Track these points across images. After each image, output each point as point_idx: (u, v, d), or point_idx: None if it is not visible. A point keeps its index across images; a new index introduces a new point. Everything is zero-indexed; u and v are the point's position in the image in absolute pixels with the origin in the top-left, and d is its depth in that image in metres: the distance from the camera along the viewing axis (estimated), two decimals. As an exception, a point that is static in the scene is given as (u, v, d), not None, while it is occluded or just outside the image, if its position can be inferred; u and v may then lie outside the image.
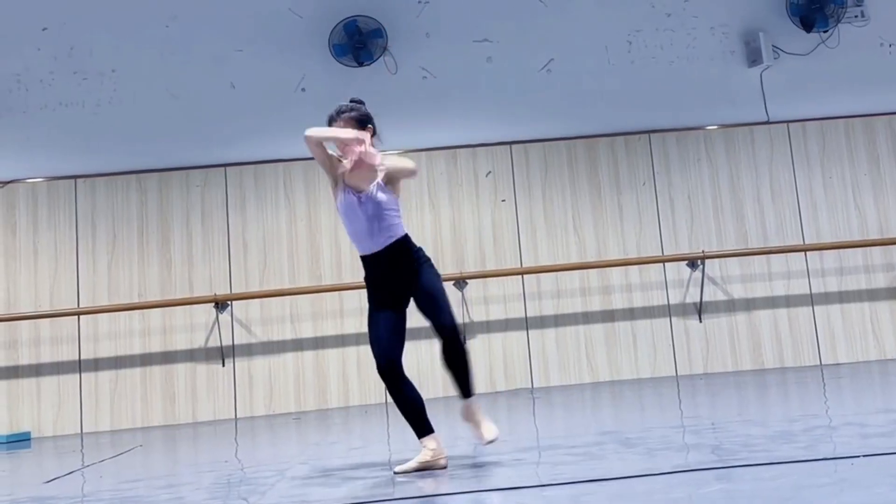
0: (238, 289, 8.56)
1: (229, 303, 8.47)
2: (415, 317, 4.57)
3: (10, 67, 8.67)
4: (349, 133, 4.29)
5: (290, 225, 8.83)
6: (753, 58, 9.17)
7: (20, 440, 7.84)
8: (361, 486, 3.87)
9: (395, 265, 4.34)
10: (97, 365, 8.32)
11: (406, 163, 4.44)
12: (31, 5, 8.74)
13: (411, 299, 4.40)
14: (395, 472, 4.06)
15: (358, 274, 8.65)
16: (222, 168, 8.87)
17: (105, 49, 8.77)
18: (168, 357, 8.36)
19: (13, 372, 8.23)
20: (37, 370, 8.27)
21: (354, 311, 8.66)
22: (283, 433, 6.79)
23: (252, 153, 8.87)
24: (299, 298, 8.60)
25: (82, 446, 7.11)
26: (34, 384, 8.26)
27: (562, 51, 9.11)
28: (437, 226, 8.96)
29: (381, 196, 4.32)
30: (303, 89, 8.99)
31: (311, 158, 8.70)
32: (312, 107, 8.89)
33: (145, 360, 8.37)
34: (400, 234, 4.38)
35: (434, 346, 8.61)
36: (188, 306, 8.41)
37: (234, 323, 8.52)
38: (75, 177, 8.69)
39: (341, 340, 8.62)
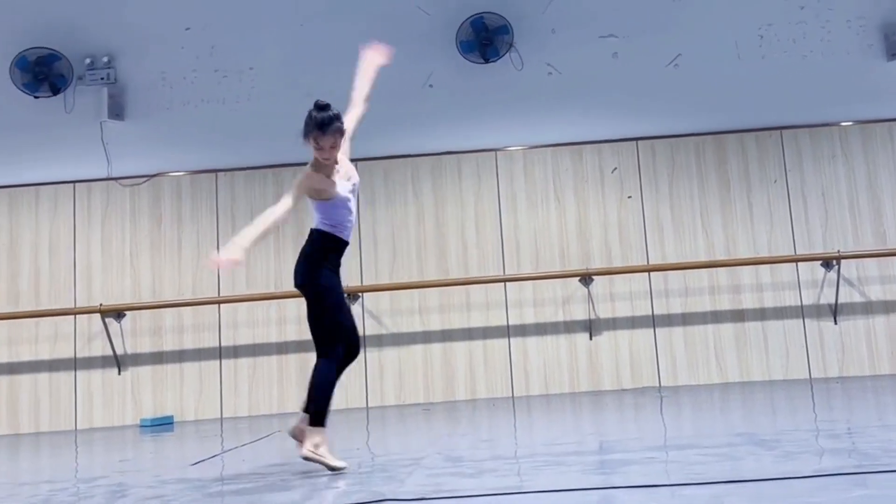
0: (368, 281, 8.79)
1: (360, 294, 8.70)
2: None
3: (156, 66, 9.12)
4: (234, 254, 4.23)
5: (418, 219, 9.00)
6: (894, 51, 8.86)
7: (164, 424, 8.25)
8: (494, 477, 3.95)
9: None
10: (236, 352, 8.68)
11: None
12: (175, 7, 9.18)
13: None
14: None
15: (486, 269, 8.78)
16: (353, 163, 9.07)
17: (243, 48, 9.14)
18: (302, 346, 8.65)
19: (158, 358, 8.67)
20: (180, 356, 8.69)
21: (481, 305, 8.78)
22: (413, 424, 6.95)
23: (381, 149, 9.08)
24: (427, 291, 8.77)
25: (222, 430, 7.44)
26: (177, 370, 8.68)
27: (690, 45, 9.02)
28: (562, 221, 8.98)
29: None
30: (430, 85, 9.16)
31: (439, 154, 8.89)
32: (439, 103, 9.06)
33: (281, 348, 8.69)
34: None
35: (563, 341, 8.66)
36: (327, 296, 8.68)
37: (365, 314, 8.76)
38: (216, 170, 9.07)
39: (468, 334, 8.75)
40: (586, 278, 8.75)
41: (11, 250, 8.78)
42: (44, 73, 8.90)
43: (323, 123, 4.50)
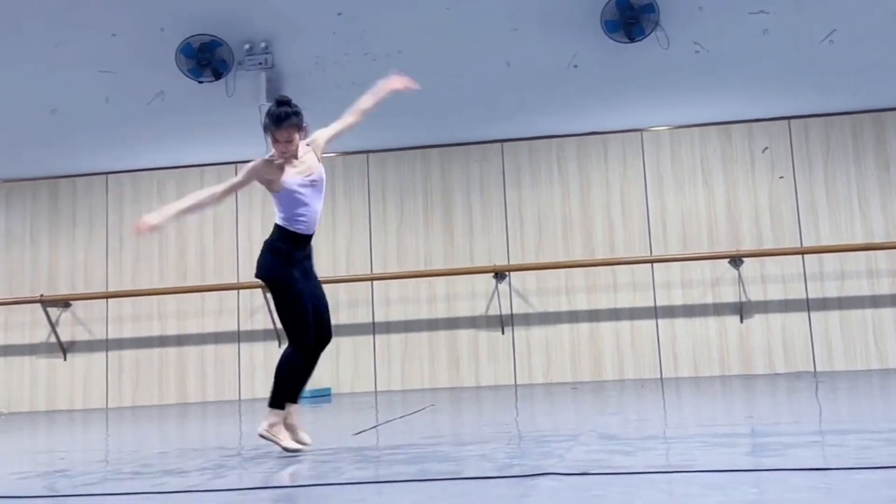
0: (515, 260, 8.93)
1: (507, 273, 8.85)
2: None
3: (310, 51, 9.44)
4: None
5: (564, 199, 9.06)
6: None
7: (322, 395, 8.62)
8: (654, 455, 4.01)
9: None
10: (388, 328, 8.98)
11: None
12: (328, -8, 9.48)
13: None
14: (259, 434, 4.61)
15: (632, 249, 8.78)
16: (499, 144, 9.23)
17: (392, 32, 9.37)
18: (452, 323, 8.88)
19: (315, 331, 9.05)
20: (336, 331, 9.00)
21: (627, 286, 8.79)
22: (562, 402, 7.05)
23: (527, 129, 9.17)
24: (573, 271, 8.84)
25: (376, 403, 7.73)
26: (334, 343, 8.99)
27: (845, 21, 8.72)
28: (710, 203, 8.88)
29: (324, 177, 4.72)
30: (575, 66, 9.17)
31: (584, 134, 8.90)
32: (584, 83, 9.07)
33: (431, 325, 8.94)
34: None
35: (712, 323, 8.58)
36: (469, 275, 8.88)
37: (513, 293, 8.90)
38: (367, 151, 9.35)
39: (615, 314, 8.79)
40: (736, 260, 8.63)
41: (179, 228, 9.29)
42: (207, 59, 9.34)
43: (279, 118, 4.60)
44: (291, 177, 4.65)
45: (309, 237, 4.81)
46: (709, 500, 2.80)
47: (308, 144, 4.83)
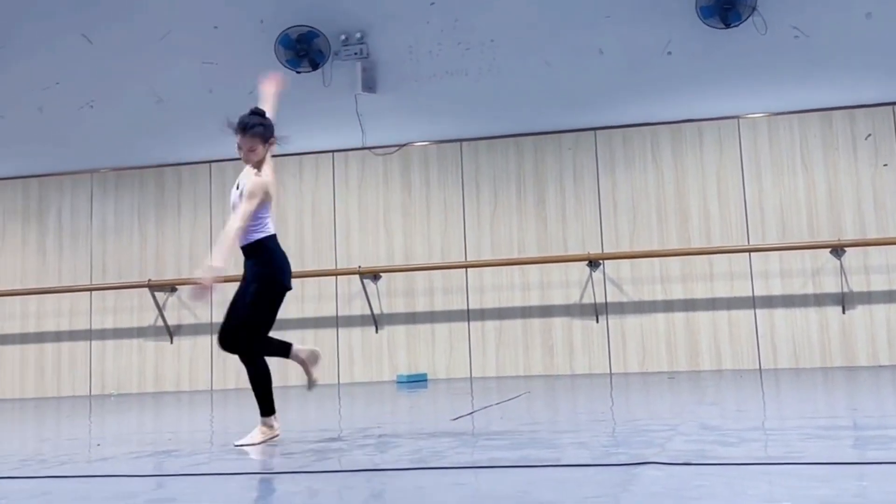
0: (609, 248, 8.90)
1: (601, 262, 8.84)
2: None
3: (404, 40, 9.56)
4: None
5: (658, 187, 8.99)
6: None
7: (418, 381, 8.76)
8: (758, 446, 3.99)
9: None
10: (483, 315, 9.06)
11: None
12: (424, -18, 9.57)
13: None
14: (235, 445, 4.69)
15: (729, 238, 8.67)
16: (592, 131, 9.20)
17: (484, 21, 9.41)
18: (546, 311, 8.92)
19: (411, 318, 9.19)
20: (431, 317, 9.17)
21: (724, 275, 8.69)
22: (658, 391, 7.03)
23: (620, 117, 9.12)
24: (669, 260, 8.78)
25: (472, 389, 7.82)
26: (429, 330, 9.17)
27: (959, 2, 8.43)
28: (810, 191, 8.70)
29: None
30: (669, 53, 9.08)
31: (679, 122, 8.77)
32: (678, 70, 8.97)
33: (525, 312, 8.99)
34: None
35: (813, 314, 8.42)
36: (563, 263, 8.89)
37: (606, 281, 8.89)
38: (460, 140, 9.42)
39: (712, 304, 8.70)
40: (838, 250, 8.44)
41: (280, 215, 9.42)
42: (304, 50, 9.54)
43: (245, 126, 4.80)
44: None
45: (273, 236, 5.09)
46: (814, 493, 2.79)
47: (265, 172, 4.89)
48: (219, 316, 9.35)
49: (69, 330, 9.73)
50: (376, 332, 9.22)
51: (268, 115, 5.06)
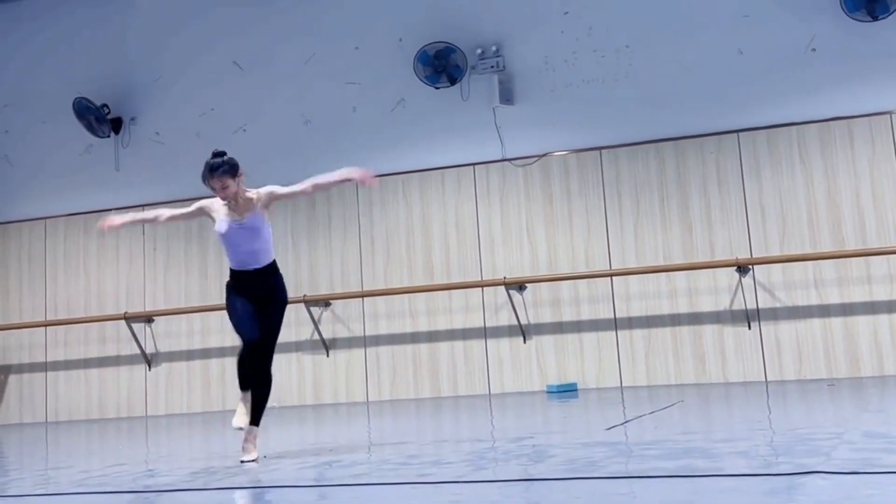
0: (758, 253, 8.71)
1: (751, 267, 8.65)
2: None
3: (539, 51, 9.62)
4: None
5: (807, 188, 8.74)
6: None
7: (568, 390, 8.77)
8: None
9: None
10: (630, 323, 9.00)
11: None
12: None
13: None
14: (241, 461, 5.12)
15: (887, 239, 8.35)
16: (735, 134, 9.03)
17: (619, 27, 9.39)
18: (695, 318, 8.79)
19: (558, 328, 9.23)
20: (578, 326, 9.18)
21: (883, 278, 8.37)
22: (817, 399, 6.85)
23: (764, 118, 8.93)
24: (822, 263, 8.52)
25: (623, 399, 7.79)
26: (577, 339, 9.18)
27: None
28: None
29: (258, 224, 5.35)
30: (813, 49, 8.83)
31: (826, 120, 8.53)
32: (824, 67, 8.72)
33: (674, 320, 8.88)
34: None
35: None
36: (711, 269, 8.75)
37: (757, 287, 8.70)
38: (600, 148, 9.40)
39: (871, 307, 8.38)
40: None
41: (424, 228, 9.74)
42: (442, 66, 9.73)
43: (212, 168, 5.25)
44: (220, 221, 5.37)
45: (243, 272, 5.51)
46: None
47: (257, 190, 5.41)
48: (371, 329, 9.68)
49: (231, 346, 10.20)
50: (524, 342, 9.28)
51: (321, 184, 5.63)
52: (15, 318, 10.84)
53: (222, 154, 5.39)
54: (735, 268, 8.67)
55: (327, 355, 9.87)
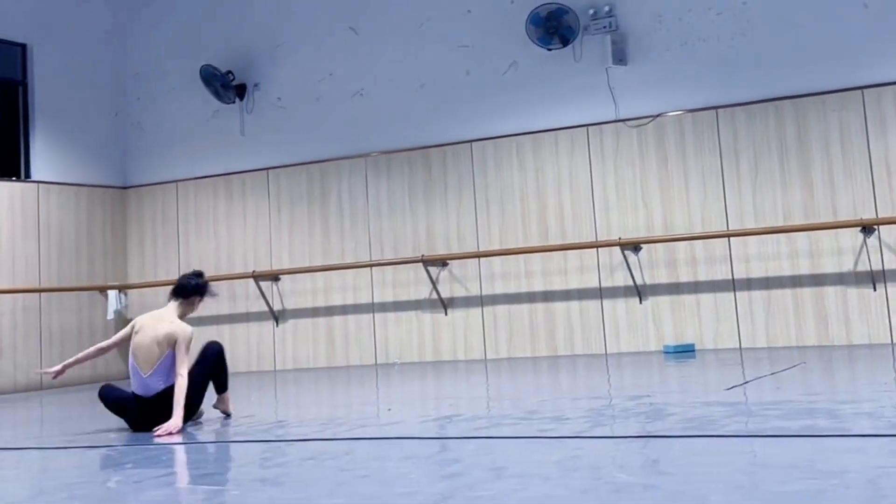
0: (884, 213, 8.48)
1: (876, 227, 8.45)
2: None
3: (653, 10, 9.50)
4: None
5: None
6: None
7: (686, 351, 8.77)
8: None
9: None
10: (749, 284, 8.91)
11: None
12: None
13: None
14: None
15: None
16: (859, 91, 8.77)
17: (740, -19, 9.17)
18: (817, 279, 8.65)
19: (674, 289, 9.21)
20: (695, 287, 9.14)
21: None
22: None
23: (891, 73, 8.64)
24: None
25: (742, 360, 7.77)
26: (693, 300, 9.16)
27: None
28: None
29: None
30: (943, 0, 8.48)
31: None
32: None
33: (795, 281, 8.75)
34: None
35: None
36: (833, 230, 8.59)
37: (883, 248, 8.50)
38: (716, 107, 9.26)
39: None
40: None
41: (539, 190, 9.81)
42: (554, 27, 9.70)
43: (199, 289, 5.82)
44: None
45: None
46: None
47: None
48: (487, 289, 9.85)
49: (353, 303, 10.56)
50: (640, 302, 9.30)
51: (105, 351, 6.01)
52: (150, 276, 11.40)
53: (199, 274, 5.92)
54: (859, 228, 8.49)
55: (445, 314, 10.10)
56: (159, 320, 5.62)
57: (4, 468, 4.66)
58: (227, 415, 5.96)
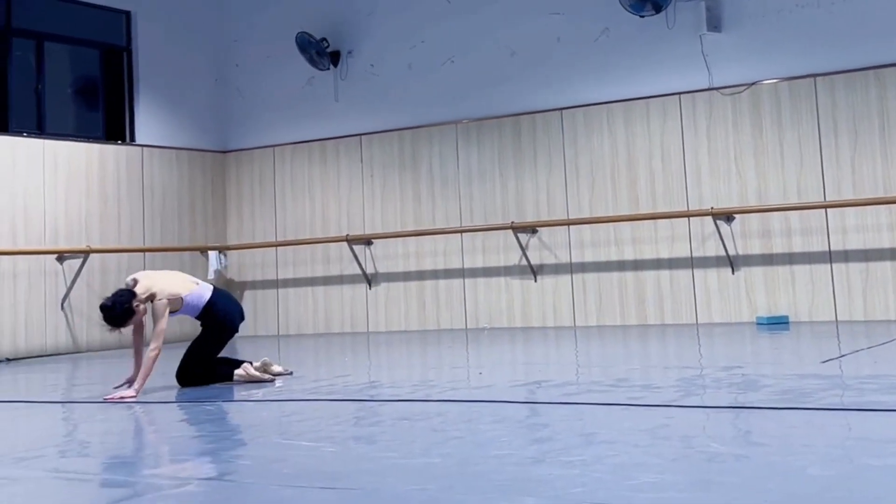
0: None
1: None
2: None
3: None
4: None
5: None
6: None
7: (779, 323, 8.66)
8: None
9: None
10: (847, 256, 8.73)
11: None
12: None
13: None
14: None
15: None
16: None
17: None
18: (917, 252, 8.47)
19: (768, 259, 9.09)
20: (789, 259, 9.01)
21: None
22: None
23: None
24: None
25: (838, 333, 7.65)
26: (788, 272, 9.03)
27: None
28: None
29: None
30: None
31: None
32: None
33: (895, 254, 8.56)
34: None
35: None
36: (934, 202, 8.37)
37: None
38: (814, 75, 9.06)
39: None
40: None
41: (629, 158, 9.76)
42: (650, -8, 9.58)
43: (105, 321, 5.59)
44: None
45: None
46: None
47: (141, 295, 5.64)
48: (577, 257, 9.88)
49: (444, 269, 10.70)
50: (732, 273, 9.21)
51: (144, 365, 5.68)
52: (248, 238, 11.73)
53: (105, 308, 5.54)
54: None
55: (535, 280, 10.16)
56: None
57: (124, 420, 4.93)
58: (286, 374, 6.24)
